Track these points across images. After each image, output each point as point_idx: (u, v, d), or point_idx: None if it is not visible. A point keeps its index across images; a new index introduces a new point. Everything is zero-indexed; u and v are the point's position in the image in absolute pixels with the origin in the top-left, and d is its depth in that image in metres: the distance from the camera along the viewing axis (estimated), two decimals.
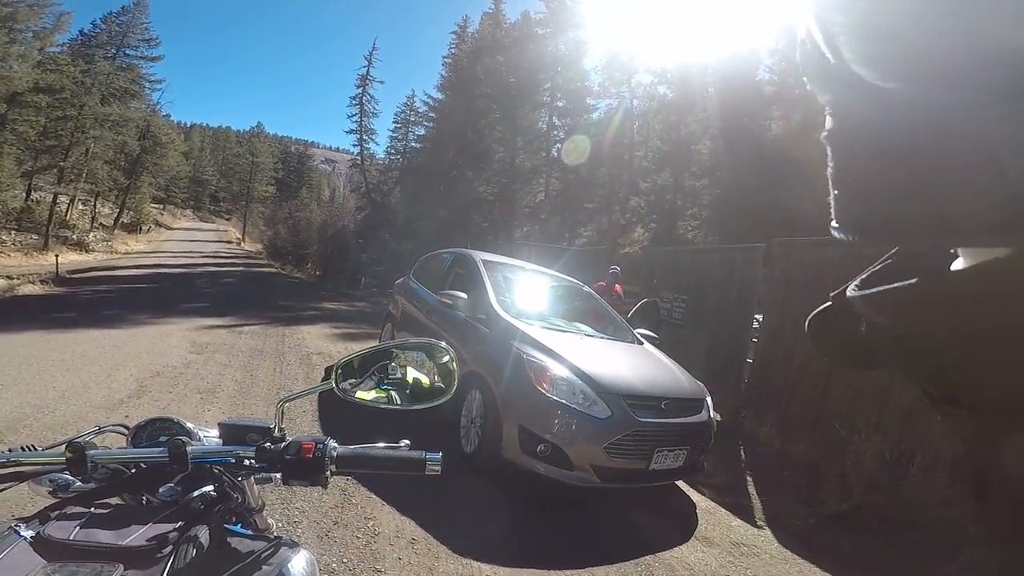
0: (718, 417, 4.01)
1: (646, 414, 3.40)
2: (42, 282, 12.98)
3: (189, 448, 0.77)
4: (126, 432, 0.99)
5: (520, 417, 3.35)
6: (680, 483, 4.04)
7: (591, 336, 4.27)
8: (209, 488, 0.83)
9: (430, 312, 4.90)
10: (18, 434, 3.35)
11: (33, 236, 23.25)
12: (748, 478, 4.50)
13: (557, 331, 4.07)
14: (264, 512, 0.97)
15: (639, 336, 4.68)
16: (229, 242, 43.89)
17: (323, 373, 5.86)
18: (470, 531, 2.93)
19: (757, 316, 5.87)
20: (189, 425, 0.98)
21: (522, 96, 19.46)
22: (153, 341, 6.79)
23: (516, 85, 19.57)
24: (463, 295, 4.24)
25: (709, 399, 3.92)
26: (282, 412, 0.83)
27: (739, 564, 3.14)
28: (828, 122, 0.31)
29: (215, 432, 0.98)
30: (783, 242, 5.57)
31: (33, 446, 0.83)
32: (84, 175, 27.63)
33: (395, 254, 21.47)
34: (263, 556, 0.70)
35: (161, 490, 0.80)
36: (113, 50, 31.03)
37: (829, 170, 0.31)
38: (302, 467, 0.79)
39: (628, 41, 18.58)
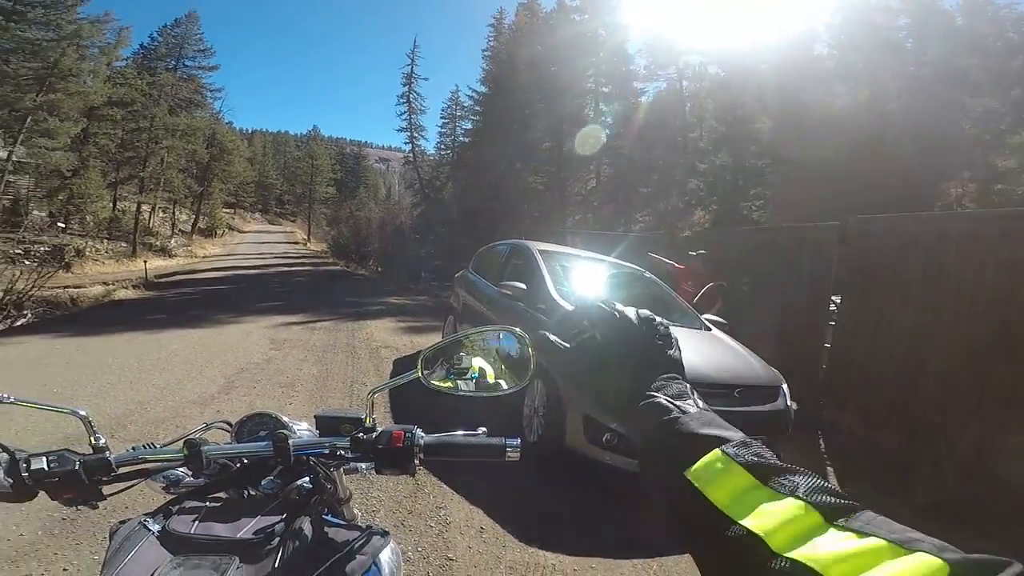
0: (794, 405, 3.84)
1: (717, 402, 3.28)
2: (134, 287, 14.08)
3: (291, 441, 0.81)
4: (229, 428, 1.06)
5: (585, 407, 3.33)
6: None
7: None
8: (305, 480, 0.87)
9: (490, 303, 4.96)
10: (126, 429, 3.65)
11: (122, 244, 25.18)
12: (828, 468, 4.29)
13: None
14: (351, 502, 1.01)
15: (706, 322, 4.56)
16: (296, 243, 45.86)
17: (391, 366, 6.07)
18: (536, 520, 2.95)
19: (834, 298, 5.55)
20: (284, 419, 1.03)
21: (565, 84, 19.13)
22: (236, 339, 7.23)
23: (558, 73, 19.23)
24: (521, 285, 4.26)
25: (785, 386, 3.75)
26: (372, 403, 0.85)
27: None
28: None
29: (305, 424, 1.04)
30: (862, 219, 5.22)
31: (153, 444, 0.89)
32: (162, 184, 29.39)
33: (451, 247, 21.74)
34: (357, 545, 0.73)
35: (263, 483, 0.85)
36: (173, 61, 32.63)
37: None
38: (393, 456, 0.81)
39: (672, 22, 17.98)
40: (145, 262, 19.06)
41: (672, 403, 0.47)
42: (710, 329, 4.45)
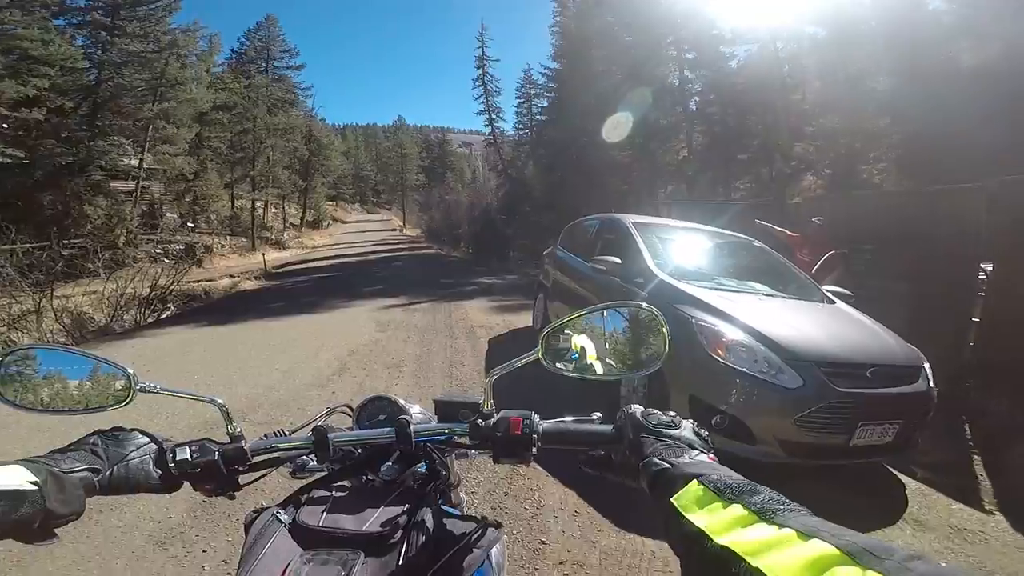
0: (936, 387, 3.36)
1: (847, 383, 2.92)
2: (255, 278, 15.44)
3: (412, 428, 0.80)
4: (351, 412, 1.08)
5: (690, 387, 3.11)
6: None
7: (770, 296, 3.86)
8: (422, 466, 0.87)
9: (582, 279, 4.83)
10: (256, 413, 3.97)
11: (242, 239, 27.61)
12: (975, 457, 3.75)
13: (730, 291, 3.74)
14: (460, 487, 0.99)
15: (828, 294, 4.12)
16: (393, 229, 47.93)
17: (487, 345, 6.15)
18: (633, 505, 2.81)
19: (984, 266, 4.83)
20: (401, 401, 1.04)
21: (643, 53, 18.12)
22: (345, 323, 7.69)
23: (634, 43, 18.25)
24: (616, 259, 4.09)
25: (927, 366, 3.29)
26: (491, 387, 0.81)
27: (960, 551, 2.66)
28: None
29: (418, 407, 1.05)
30: (1014, 181, 4.47)
31: (283, 431, 0.91)
32: (270, 181, 31.62)
33: (537, 226, 21.60)
34: (474, 539, 0.72)
35: (383, 469, 0.84)
36: (263, 64, 34.15)
37: None
38: (510, 444, 0.78)
39: None
40: (263, 255, 20.79)
41: (664, 460, 0.61)
42: (834, 302, 4.01)
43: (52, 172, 18.67)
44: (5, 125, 17.53)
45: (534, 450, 0.78)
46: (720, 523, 0.45)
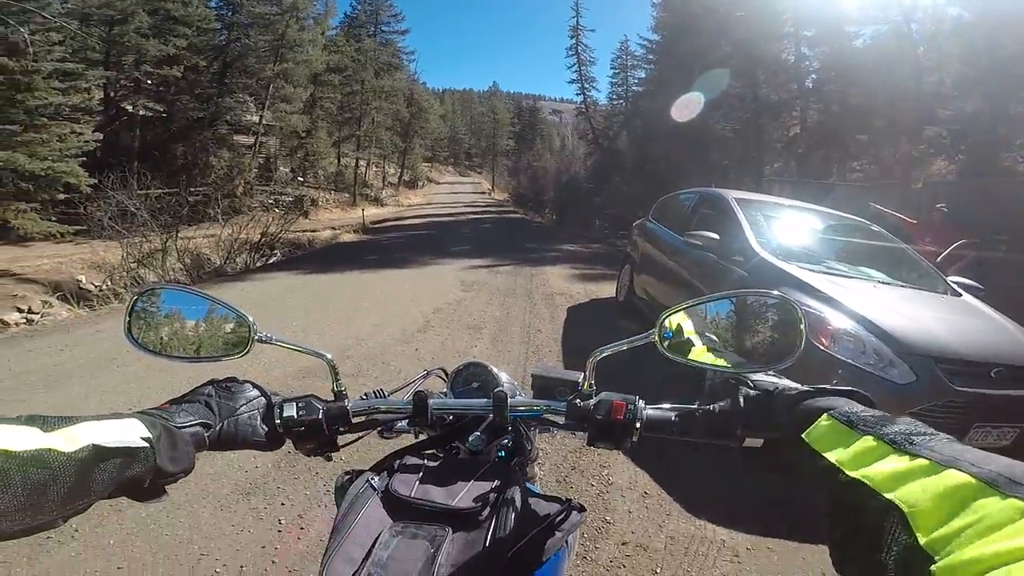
0: None
1: (966, 382, 2.59)
2: (354, 231, 16.22)
3: (510, 401, 0.77)
4: (445, 377, 1.06)
5: (788, 375, 2.84)
6: None
7: (887, 284, 3.41)
8: (508, 439, 0.84)
9: (674, 253, 4.52)
10: (344, 365, 4.07)
11: (345, 195, 29.03)
12: None
13: (840, 276, 3.34)
14: (536, 461, 0.94)
15: (954, 285, 3.60)
16: (483, 192, 48.51)
17: (565, 313, 6.01)
18: (707, 492, 2.64)
19: None
20: (494, 370, 1.01)
21: (756, 28, 16.59)
22: (433, 280, 7.84)
23: (746, 18, 16.73)
24: (714, 235, 3.74)
25: None
26: (594, 366, 0.76)
27: None
28: None
29: (506, 376, 1.02)
30: None
31: (382, 391, 0.88)
32: (373, 141, 32.77)
33: (626, 197, 20.92)
34: (557, 520, 0.68)
35: (471, 439, 0.80)
36: (372, 28, 34.63)
37: None
38: (610, 428, 0.73)
39: None
40: (363, 210, 21.79)
41: (791, 402, 0.59)
42: (960, 294, 3.51)
43: (185, 125, 20.45)
44: (149, 81, 19.32)
45: (634, 437, 0.73)
46: (852, 456, 0.43)
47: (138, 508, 2.21)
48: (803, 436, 0.51)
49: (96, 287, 8.92)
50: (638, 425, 0.72)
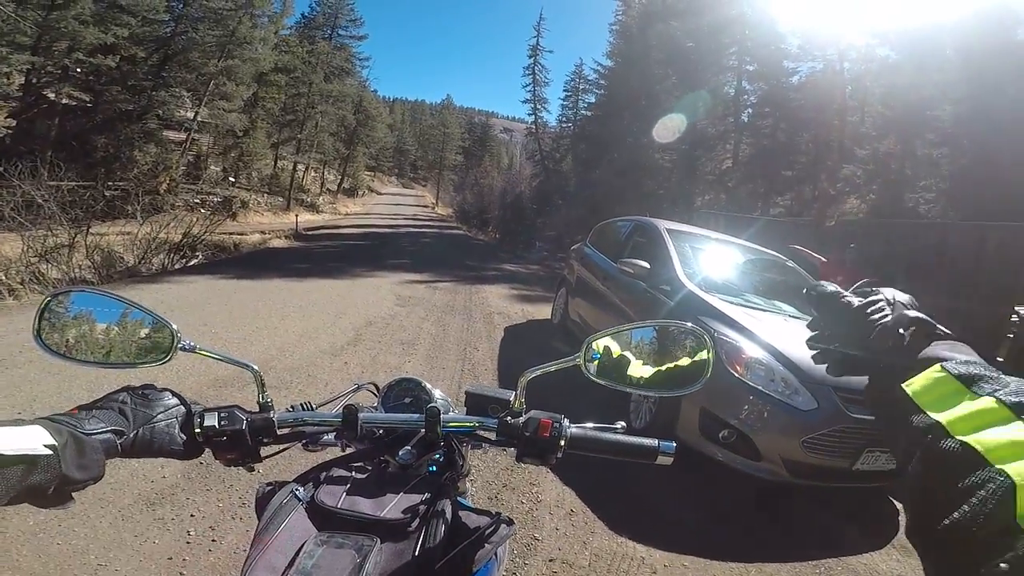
0: None
1: (861, 410, 2.85)
2: (286, 237, 15.61)
3: (442, 417, 0.79)
4: (376, 391, 1.05)
5: (703, 399, 3.04)
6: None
7: (796, 317, 3.71)
8: (439, 454, 0.84)
9: (606, 279, 4.71)
10: (267, 375, 3.86)
11: (279, 199, 27.99)
12: None
13: (755, 309, 3.60)
14: (467, 477, 0.97)
15: None
16: (425, 206, 48.25)
17: (503, 332, 6.07)
18: (630, 509, 2.77)
19: (1020, 309, 4.60)
20: (428, 386, 1.02)
21: (702, 61, 17.73)
22: (367, 292, 7.69)
23: (695, 50, 17.85)
24: (645, 264, 3.95)
25: None
26: (524, 385, 0.79)
27: None
28: None
29: (439, 392, 1.03)
30: None
31: (309, 404, 0.88)
32: (315, 146, 31.84)
33: (567, 220, 21.46)
34: (487, 533, 0.70)
35: (401, 453, 0.81)
36: (328, 31, 33.87)
37: None
38: (537, 445, 0.76)
39: (834, 1, 15.64)
40: (296, 216, 21.05)
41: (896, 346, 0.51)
42: None
43: (111, 117, 19.13)
44: (79, 70, 18.01)
45: (559, 454, 0.76)
46: (966, 417, 0.39)
47: (25, 514, 2.07)
48: (903, 386, 0.46)
49: None
50: (563, 442, 0.76)
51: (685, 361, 0.80)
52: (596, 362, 0.80)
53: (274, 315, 5.76)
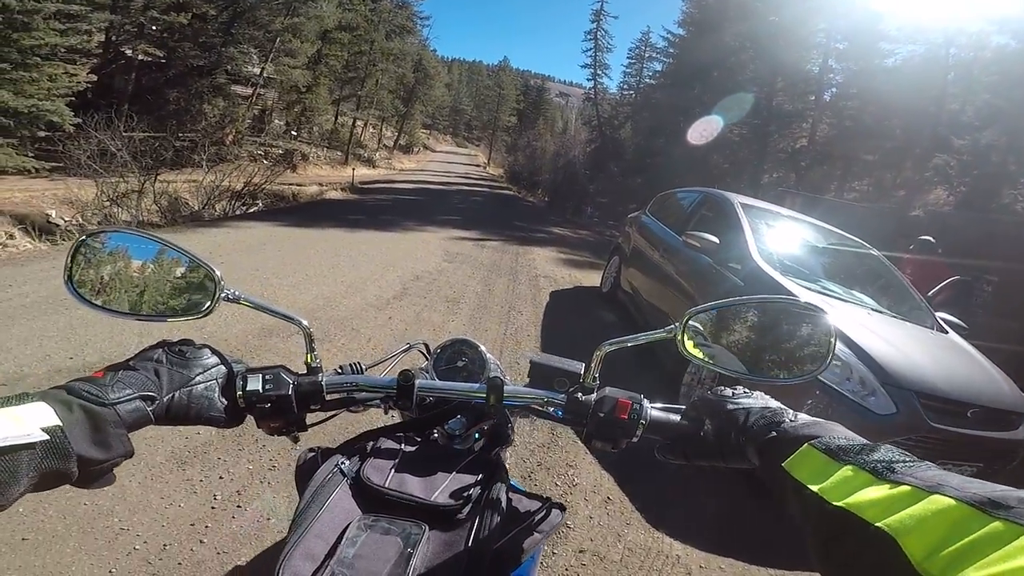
0: None
1: (942, 419, 2.52)
2: (342, 190, 15.69)
3: (506, 389, 0.71)
4: (428, 353, 0.95)
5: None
6: None
7: (878, 312, 3.26)
8: (487, 424, 0.77)
9: (667, 251, 4.33)
10: (311, 326, 3.80)
11: (338, 153, 28.18)
12: None
13: (833, 298, 3.19)
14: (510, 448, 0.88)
15: (942, 322, 3.48)
16: (477, 165, 47.83)
17: (548, 297, 5.80)
18: (670, 503, 2.54)
19: None
20: (483, 349, 0.92)
21: (785, 36, 16.20)
22: (416, 246, 7.56)
23: (779, 24, 16.35)
24: (714, 238, 3.54)
25: None
26: (600, 359, 0.69)
27: None
28: None
29: (492, 357, 0.93)
30: None
31: (359, 364, 0.77)
32: (374, 103, 31.83)
33: (620, 187, 20.69)
34: (537, 520, 0.63)
35: (451, 422, 0.74)
36: None
37: None
38: (611, 427, 0.67)
39: None
40: (353, 170, 21.19)
41: (771, 428, 0.55)
42: (946, 332, 3.41)
43: (183, 72, 19.56)
44: (155, 27, 18.43)
45: (634, 439, 0.67)
46: (834, 485, 0.42)
47: None
48: (783, 465, 0.48)
49: (65, 222, 8.54)
50: (640, 428, 0.66)
51: (794, 345, 0.69)
52: (693, 339, 0.69)
53: (325, 264, 5.68)
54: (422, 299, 4.94)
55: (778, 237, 3.72)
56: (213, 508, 2.02)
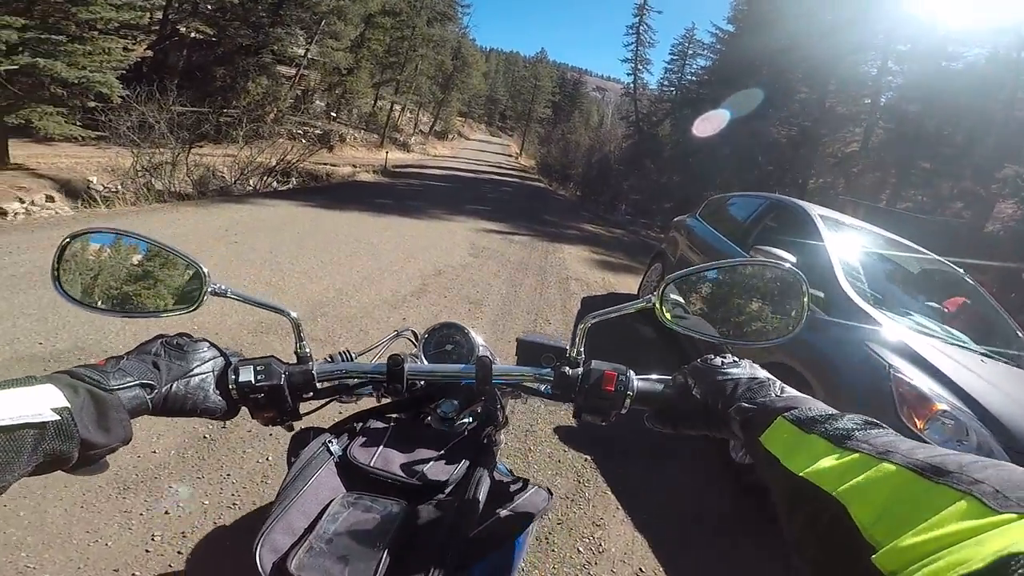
0: None
1: None
2: (374, 172, 15.32)
3: (494, 368, 0.69)
4: (415, 339, 0.93)
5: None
6: None
7: (991, 357, 2.61)
8: (480, 406, 0.76)
9: None
10: (316, 323, 3.37)
11: (374, 136, 27.95)
12: None
13: (940, 340, 2.54)
14: (504, 430, 0.80)
15: None
16: (509, 155, 47.13)
17: (579, 304, 5.22)
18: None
19: None
20: (471, 332, 0.91)
21: (842, 36, 14.97)
22: (441, 236, 7.05)
23: (833, 23, 15.14)
24: (790, 257, 2.91)
25: None
26: (584, 333, 0.66)
27: None
28: None
29: (481, 339, 0.92)
30: None
31: (349, 353, 0.75)
32: (413, 88, 31.50)
33: (656, 185, 19.84)
34: (521, 503, 0.64)
35: (443, 405, 0.73)
36: None
37: None
38: (599, 399, 0.65)
39: None
40: (387, 153, 20.85)
41: (751, 402, 0.54)
42: None
43: (231, 50, 19.52)
44: (209, 7, 18.43)
45: (623, 410, 0.65)
46: (801, 455, 0.43)
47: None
48: (759, 439, 0.48)
49: (104, 188, 8.68)
50: (628, 398, 0.64)
51: (774, 306, 0.68)
52: (672, 308, 0.67)
53: (343, 250, 5.22)
54: (442, 298, 4.43)
55: (865, 259, 3.06)
56: (147, 552, 1.56)
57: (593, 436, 2.63)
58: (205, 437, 2.11)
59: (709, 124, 16.22)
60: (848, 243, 3.06)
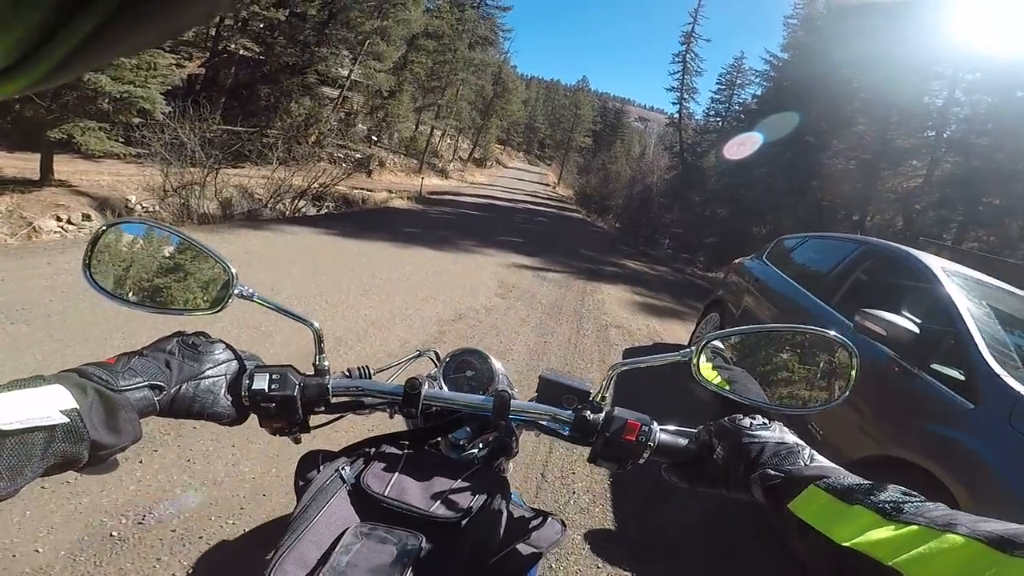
0: None
1: None
2: (408, 198, 15.13)
3: (513, 403, 0.67)
4: (437, 360, 0.91)
5: None
6: None
7: None
8: (493, 436, 0.74)
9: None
10: (331, 362, 2.84)
11: (413, 161, 28.16)
12: None
13: None
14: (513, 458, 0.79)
15: None
16: (546, 185, 46.99)
17: (620, 357, 4.53)
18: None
19: None
20: (493, 361, 0.88)
21: (906, 66, 14.07)
22: (468, 272, 6.51)
23: (897, 54, 14.27)
24: (911, 326, 2.17)
25: None
26: (612, 380, 0.66)
27: None
28: None
29: (501, 366, 0.89)
30: None
31: (367, 368, 0.72)
32: (453, 113, 31.69)
33: (699, 218, 18.98)
34: (537, 536, 0.62)
35: (456, 433, 0.71)
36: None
37: None
38: (618, 448, 0.63)
39: None
40: (423, 179, 20.76)
41: (778, 469, 0.52)
42: None
43: (276, 69, 20.02)
44: (260, 25, 19.02)
45: (641, 460, 0.63)
46: (845, 526, 0.41)
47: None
48: (788, 506, 0.47)
49: (143, 208, 8.76)
50: (648, 450, 0.63)
51: (820, 375, 0.67)
52: (710, 364, 0.66)
53: (355, 288, 4.73)
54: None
55: (1012, 327, 2.30)
56: None
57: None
58: (112, 535, 1.57)
59: (753, 146, 15.39)
60: (985, 306, 2.31)
